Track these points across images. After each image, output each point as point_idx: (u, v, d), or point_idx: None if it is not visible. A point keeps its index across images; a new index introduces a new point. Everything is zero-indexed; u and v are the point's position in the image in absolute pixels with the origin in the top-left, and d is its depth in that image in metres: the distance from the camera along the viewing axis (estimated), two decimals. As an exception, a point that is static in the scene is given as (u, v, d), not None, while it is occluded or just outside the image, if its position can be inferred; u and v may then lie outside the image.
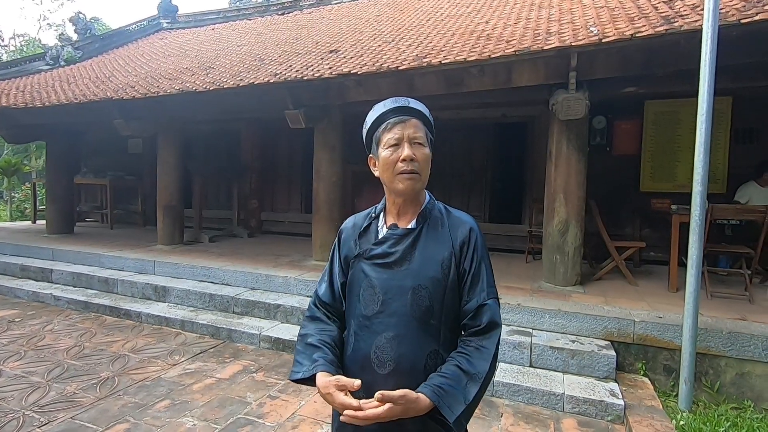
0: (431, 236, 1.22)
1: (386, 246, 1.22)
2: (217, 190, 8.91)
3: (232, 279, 5.11)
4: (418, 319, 1.16)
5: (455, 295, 1.20)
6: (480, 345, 1.15)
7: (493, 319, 1.18)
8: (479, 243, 1.22)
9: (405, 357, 1.15)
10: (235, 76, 5.18)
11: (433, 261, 1.18)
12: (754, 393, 3.21)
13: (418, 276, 1.17)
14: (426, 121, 1.23)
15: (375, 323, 1.18)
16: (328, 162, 5.48)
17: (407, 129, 1.18)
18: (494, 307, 1.19)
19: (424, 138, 1.20)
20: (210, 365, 3.68)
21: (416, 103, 1.24)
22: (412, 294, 1.17)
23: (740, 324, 3.38)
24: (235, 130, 8.42)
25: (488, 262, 1.23)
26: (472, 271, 1.19)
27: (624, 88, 4.13)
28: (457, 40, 4.33)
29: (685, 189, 5.73)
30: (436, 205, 1.28)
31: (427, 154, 1.20)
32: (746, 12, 2.99)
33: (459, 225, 1.23)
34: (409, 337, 1.16)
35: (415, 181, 1.18)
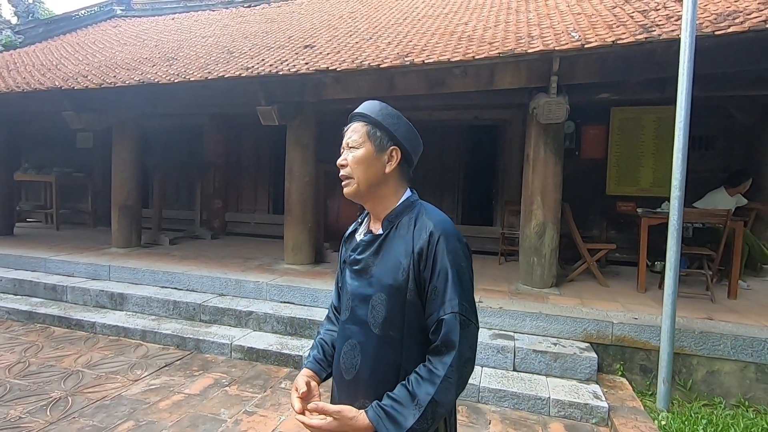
0: (396, 242, 1.14)
1: (356, 253, 1.21)
2: (178, 189, 8.42)
3: (198, 284, 4.79)
4: (377, 329, 1.12)
5: (419, 308, 1.11)
6: (432, 367, 1.05)
7: (448, 338, 1.04)
8: (442, 248, 1.08)
9: (364, 366, 1.14)
10: (201, 68, 4.86)
11: (391, 269, 1.12)
12: (723, 390, 3.35)
13: (378, 284, 1.13)
14: (370, 120, 1.18)
15: (345, 329, 1.21)
16: (301, 161, 5.27)
17: (346, 135, 1.20)
18: (451, 323, 1.05)
19: (361, 139, 1.16)
20: (177, 379, 3.40)
21: (364, 105, 1.21)
22: (371, 303, 1.14)
23: (709, 323, 3.52)
24: (197, 125, 7.98)
25: (456, 271, 1.08)
26: (432, 281, 1.08)
27: (599, 93, 4.22)
28: (438, 40, 4.27)
29: (648, 193, 6.06)
30: (413, 208, 1.18)
31: (357, 156, 1.16)
32: (719, 24, 3.11)
33: (422, 228, 1.12)
34: (369, 346, 1.14)
35: (349, 186, 1.17)
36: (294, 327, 4.05)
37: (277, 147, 7.54)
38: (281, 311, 4.18)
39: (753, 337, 3.27)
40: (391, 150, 1.17)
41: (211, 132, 7.94)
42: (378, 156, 1.16)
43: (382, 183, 1.18)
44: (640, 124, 6.10)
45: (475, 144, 7.41)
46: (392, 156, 1.17)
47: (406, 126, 1.20)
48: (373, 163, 1.16)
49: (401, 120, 1.20)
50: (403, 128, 1.20)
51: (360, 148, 1.16)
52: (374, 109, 1.19)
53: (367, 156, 1.16)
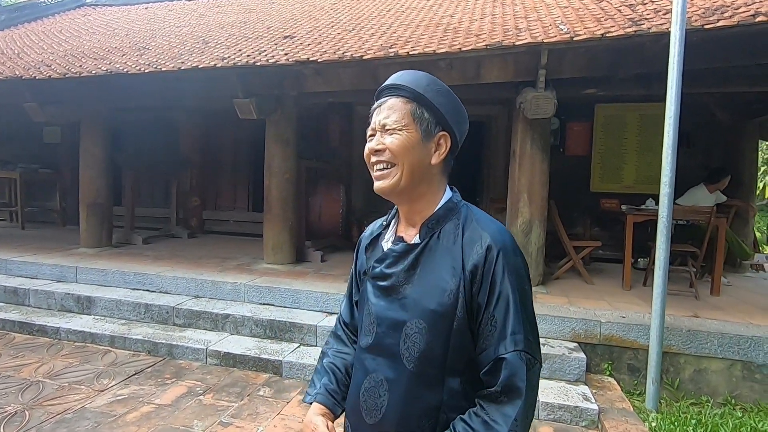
0: (438, 256, 0.91)
1: (384, 265, 0.98)
2: (152, 186, 8.08)
3: (171, 286, 4.55)
4: (411, 365, 0.90)
5: (467, 338, 0.89)
6: (489, 419, 0.84)
7: (513, 382, 0.83)
8: (502, 267, 0.87)
9: (394, 410, 0.91)
10: (175, 58, 4.61)
11: (434, 291, 0.89)
12: (710, 388, 3.33)
13: (415, 309, 0.90)
14: (415, 96, 0.92)
15: (367, 359, 0.98)
16: (281, 157, 5.07)
17: (379, 115, 0.95)
18: (516, 365, 0.84)
19: (404, 120, 0.92)
20: (147, 388, 3.19)
21: (404, 76, 0.95)
22: (405, 332, 0.91)
23: (696, 321, 3.50)
24: (172, 120, 7.66)
25: (519, 297, 0.87)
26: (489, 308, 0.86)
27: (585, 89, 4.16)
28: (423, 32, 4.14)
29: (632, 190, 6.08)
30: (457, 211, 0.96)
31: (399, 142, 0.91)
32: (708, 18, 3.06)
33: (475, 240, 0.89)
34: (399, 385, 0.91)
35: (387, 178, 0.93)
36: (274, 330, 3.87)
37: (256, 142, 7.29)
38: (260, 313, 4.00)
39: (739, 335, 3.25)
40: (440, 137, 0.94)
41: (187, 127, 7.63)
42: (425, 144, 0.93)
43: (425, 178, 0.94)
44: (623, 122, 6.11)
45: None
46: (440, 144, 0.94)
47: (456, 105, 0.96)
48: (418, 152, 0.92)
49: (451, 97, 0.95)
50: (454, 109, 0.95)
51: (402, 132, 0.91)
52: (420, 82, 0.93)
53: (413, 142, 0.91)
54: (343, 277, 4.69)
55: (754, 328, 3.40)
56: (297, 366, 3.43)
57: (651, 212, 4.57)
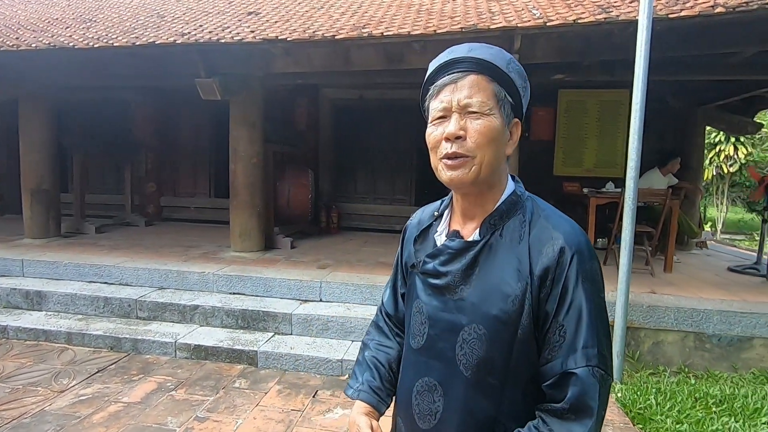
0: (501, 256, 0.82)
1: (438, 262, 0.88)
2: (103, 172, 7.56)
3: (132, 278, 4.30)
4: (469, 372, 0.83)
5: (532, 348, 0.81)
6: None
7: (583, 401, 0.75)
8: (576, 272, 0.78)
9: (449, 418, 0.85)
10: (128, 33, 4.25)
11: (496, 294, 0.81)
12: (666, 358, 3.57)
13: (474, 313, 0.82)
14: (498, 75, 0.81)
15: (419, 362, 0.90)
16: (248, 140, 4.86)
17: (457, 92, 0.80)
18: (587, 382, 0.75)
19: (488, 102, 0.80)
20: (113, 386, 3.02)
21: (482, 49, 0.83)
22: (462, 336, 0.83)
23: (654, 297, 3.73)
24: (124, 100, 7.15)
25: (594, 306, 0.78)
26: (560, 316, 0.78)
27: (555, 74, 4.25)
28: (396, 12, 4.04)
29: (592, 173, 6.33)
30: (521, 206, 0.86)
31: (487, 127, 0.80)
32: (672, 7, 3.17)
33: (545, 241, 0.80)
34: (455, 392, 0.85)
35: (465, 168, 0.81)
36: (246, 320, 3.75)
37: (219, 125, 6.97)
38: (231, 303, 3.87)
39: (693, 309, 3.50)
40: (514, 124, 0.86)
41: (140, 108, 7.15)
42: (505, 131, 0.83)
43: (498, 169, 0.85)
44: (584, 107, 6.32)
45: (428, 124, 7.31)
46: (512, 133, 0.86)
47: (528, 91, 0.88)
48: (502, 141, 0.83)
49: (527, 81, 0.86)
50: (527, 94, 0.87)
51: (490, 116, 0.80)
52: (501, 57, 0.82)
53: (501, 130, 0.81)
54: (315, 264, 4.62)
55: (705, 302, 3.66)
56: (273, 355, 3.36)
57: (613, 195, 4.80)
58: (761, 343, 3.45)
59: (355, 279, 4.05)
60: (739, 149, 13.08)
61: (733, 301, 3.67)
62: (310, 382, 3.17)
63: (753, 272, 4.76)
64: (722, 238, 11.84)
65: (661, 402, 2.87)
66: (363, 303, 3.88)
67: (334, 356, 3.31)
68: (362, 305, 3.86)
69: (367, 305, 3.86)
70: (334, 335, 3.60)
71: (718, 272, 4.86)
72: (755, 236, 11.90)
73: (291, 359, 3.34)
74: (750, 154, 13.29)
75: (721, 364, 3.50)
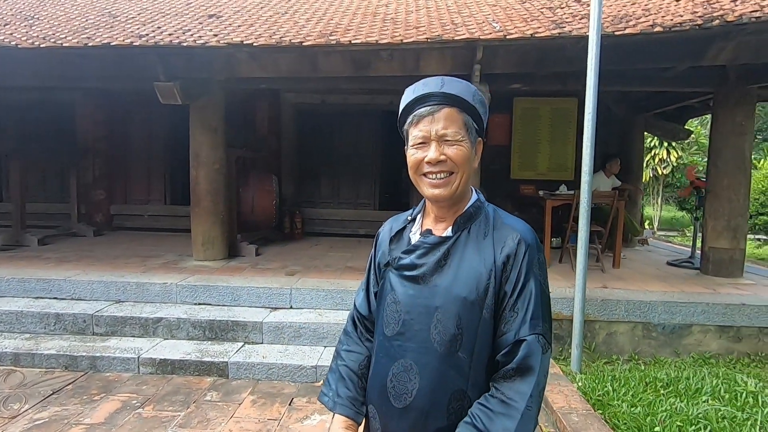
0: (470, 248, 0.99)
1: (414, 256, 1.03)
2: (45, 178, 7.06)
3: (86, 292, 4.06)
4: (443, 348, 0.96)
5: (491, 326, 0.97)
6: (505, 398, 0.90)
7: (528, 362, 0.91)
8: (530, 260, 0.96)
9: (423, 392, 0.97)
10: (77, 32, 4.02)
11: (467, 279, 0.96)
12: (619, 347, 3.87)
13: (447, 296, 0.97)
14: (466, 107, 0.98)
15: (394, 346, 1.02)
16: (210, 146, 4.73)
17: (435, 124, 0.97)
18: (533, 346, 0.92)
19: (460, 132, 0.97)
20: (72, 408, 2.84)
21: (452, 84, 0.98)
22: (437, 317, 0.97)
23: (606, 291, 4.03)
24: (67, 102, 6.71)
25: (540, 287, 0.96)
26: (514, 295, 0.95)
27: (512, 84, 4.48)
28: (362, 21, 4.10)
29: (546, 176, 6.69)
30: (484, 209, 1.05)
31: (461, 153, 0.97)
32: (618, 25, 3.46)
33: (507, 235, 0.98)
34: (429, 368, 0.97)
35: (448, 187, 0.98)
36: (215, 330, 3.65)
37: (174, 129, 6.72)
38: (197, 314, 3.75)
39: (641, 301, 3.82)
40: (479, 143, 1.03)
41: (87, 110, 6.73)
42: (473, 152, 1.00)
43: (470, 181, 1.03)
44: (537, 114, 6.68)
45: (392, 130, 7.40)
46: (477, 149, 1.03)
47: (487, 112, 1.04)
48: (472, 161, 1.00)
49: (486, 106, 1.03)
50: (487, 116, 1.03)
51: (462, 144, 0.97)
52: (468, 92, 0.99)
53: (470, 153, 0.99)
54: (283, 270, 4.57)
55: (650, 294, 4.01)
56: (245, 366, 3.30)
57: (566, 197, 5.11)
58: (698, 329, 3.82)
59: (326, 284, 4.05)
60: (671, 153, 14.30)
61: (673, 293, 4.04)
62: (284, 391, 3.14)
63: (688, 265, 5.24)
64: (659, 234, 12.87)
65: (616, 388, 3.11)
66: (335, 308, 3.89)
67: (308, 363, 3.30)
68: (334, 310, 3.87)
69: (339, 310, 3.87)
70: (307, 342, 3.59)
71: (659, 266, 5.31)
72: (686, 233, 13.04)
73: (264, 368, 3.29)
74: (680, 157, 14.55)
75: (665, 350, 3.84)
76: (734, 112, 4.53)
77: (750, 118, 4.60)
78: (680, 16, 3.54)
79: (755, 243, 10.44)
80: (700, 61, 3.91)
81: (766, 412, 2.68)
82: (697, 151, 14.78)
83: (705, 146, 13.45)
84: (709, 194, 4.77)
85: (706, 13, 3.48)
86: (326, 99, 6.70)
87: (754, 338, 3.80)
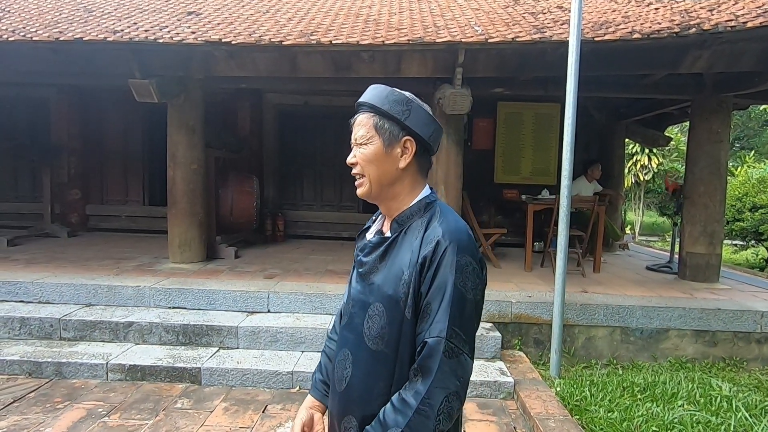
0: (403, 248, 1.01)
1: (363, 254, 1.10)
2: (16, 177, 6.82)
3: (54, 295, 3.91)
4: (371, 343, 1.01)
5: (414, 325, 0.97)
6: (404, 395, 0.93)
7: (425, 363, 0.91)
8: (448, 261, 0.94)
9: (355, 381, 1.03)
10: (49, 27, 3.89)
11: (393, 278, 0.99)
12: (597, 352, 3.88)
13: (378, 294, 1.01)
14: (376, 110, 1.02)
15: (342, 336, 1.11)
16: (187, 146, 4.62)
17: (354, 129, 1.05)
18: (434, 349, 0.90)
19: (369, 134, 1.02)
20: (33, 417, 2.71)
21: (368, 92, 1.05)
22: (369, 313, 1.02)
23: (586, 296, 4.04)
24: (41, 99, 6.52)
25: (458, 291, 0.93)
26: (428, 297, 0.94)
27: (494, 88, 4.49)
28: (344, 21, 4.06)
29: (529, 181, 6.73)
30: (428, 210, 1.03)
31: (366, 154, 1.02)
32: (597, 32, 3.49)
33: (430, 236, 0.98)
34: (361, 360, 1.03)
35: (361, 186, 1.05)
36: (188, 335, 3.55)
37: (153, 128, 6.57)
38: (171, 318, 3.64)
39: (619, 305, 3.84)
40: (404, 141, 1.02)
41: (61, 107, 6.55)
42: (389, 151, 1.01)
43: (396, 180, 1.03)
44: (521, 119, 6.72)
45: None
46: (406, 148, 1.02)
47: (418, 111, 1.03)
48: (384, 160, 1.01)
49: (412, 105, 1.02)
50: (415, 115, 1.02)
51: (368, 145, 1.01)
52: (380, 96, 1.02)
53: (377, 152, 1.01)
54: (261, 274, 4.48)
55: (629, 298, 4.03)
56: (218, 372, 3.20)
57: (548, 201, 5.14)
58: (675, 334, 3.85)
59: (304, 288, 3.98)
60: (653, 159, 14.58)
61: (651, 297, 4.08)
62: (259, 397, 3.05)
63: (667, 270, 5.31)
64: (640, 239, 13.08)
65: (594, 393, 3.10)
66: (313, 312, 3.82)
67: (284, 368, 3.22)
68: (312, 314, 3.80)
69: (317, 314, 3.80)
70: (284, 347, 3.51)
71: (639, 271, 5.37)
72: (666, 238, 13.29)
73: (238, 374, 3.20)
74: (661, 164, 14.85)
75: (643, 354, 3.87)
76: (710, 120, 4.61)
77: (726, 125, 4.69)
78: (658, 23, 3.59)
79: (732, 249, 10.68)
80: (677, 68, 3.96)
81: (739, 416, 2.70)
82: (678, 157, 15.09)
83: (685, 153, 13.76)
84: (687, 200, 4.84)
85: (684, 22, 3.53)
86: (309, 100, 6.63)
87: (729, 342, 3.85)
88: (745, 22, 3.34)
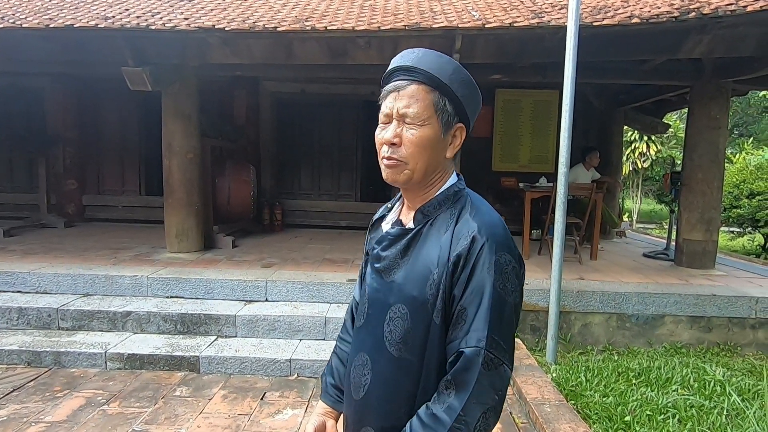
0: (430, 242, 0.88)
1: (381, 247, 0.96)
2: (12, 167, 6.79)
3: (52, 285, 3.91)
4: (392, 348, 0.89)
5: (443, 332, 0.86)
6: (435, 410, 0.82)
7: (461, 376, 0.80)
8: (485, 260, 0.82)
9: (374, 390, 0.92)
10: (38, 13, 3.83)
11: (419, 277, 0.87)
12: (593, 338, 3.91)
13: (400, 294, 0.89)
14: (438, 85, 0.85)
15: (358, 338, 1.00)
16: (183, 134, 4.59)
17: (398, 101, 0.86)
18: (472, 361, 0.80)
19: (425, 113, 0.84)
20: (33, 406, 2.73)
21: (427, 57, 0.86)
22: (389, 315, 0.90)
23: (582, 283, 4.06)
24: (35, 89, 6.45)
25: (497, 294, 0.82)
26: (463, 301, 0.83)
27: (492, 74, 4.44)
28: (339, 6, 4.00)
29: (527, 169, 6.71)
30: (457, 199, 0.91)
31: (420, 137, 0.85)
32: (596, 16, 3.44)
33: (463, 231, 0.85)
34: (380, 367, 0.91)
35: (398, 173, 0.88)
36: (186, 324, 3.56)
37: (149, 117, 6.51)
38: (169, 307, 3.65)
39: (615, 292, 3.86)
40: (456, 129, 0.89)
41: (56, 97, 6.47)
42: (444, 137, 0.87)
43: (437, 169, 0.90)
44: (519, 106, 6.67)
45: (373, 120, 7.31)
46: (455, 137, 0.89)
47: (476, 97, 0.90)
48: (438, 147, 0.87)
49: (474, 89, 0.89)
50: (474, 100, 0.90)
51: (424, 126, 0.85)
52: (445, 69, 0.85)
53: (433, 138, 0.85)
54: (259, 263, 4.48)
55: (625, 285, 4.05)
56: (217, 360, 3.22)
57: (546, 189, 5.13)
58: (671, 320, 3.88)
59: (302, 277, 3.98)
60: (651, 147, 14.54)
61: (648, 284, 4.09)
62: (257, 385, 3.08)
63: (663, 257, 5.33)
64: (637, 227, 13.11)
65: (589, 378, 3.13)
66: (310, 301, 3.83)
67: (282, 356, 3.24)
68: (310, 303, 3.81)
69: (315, 303, 3.82)
70: (282, 335, 3.53)
71: (635, 258, 5.39)
72: (664, 225, 13.32)
73: (236, 362, 3.22)
74: (659, 151, 14.81)
75: (638, 340, 3.90)
76: (709, 106, 4.58)
77: (724, 112, 4.66)
78: (657, 8, 3.54)
79: (729, 235, 10.72)
80: (677, 53, 3.92)
81: (732, 400, 2.73)
82: (676, 145, 15.05)
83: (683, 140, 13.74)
84: (684, 187, 4.84)
85: (683, 6, 3.48)
86: (306, 88, 6.57)
87: (724, 328, 3.88)
88: (745, 6, 3.30)
